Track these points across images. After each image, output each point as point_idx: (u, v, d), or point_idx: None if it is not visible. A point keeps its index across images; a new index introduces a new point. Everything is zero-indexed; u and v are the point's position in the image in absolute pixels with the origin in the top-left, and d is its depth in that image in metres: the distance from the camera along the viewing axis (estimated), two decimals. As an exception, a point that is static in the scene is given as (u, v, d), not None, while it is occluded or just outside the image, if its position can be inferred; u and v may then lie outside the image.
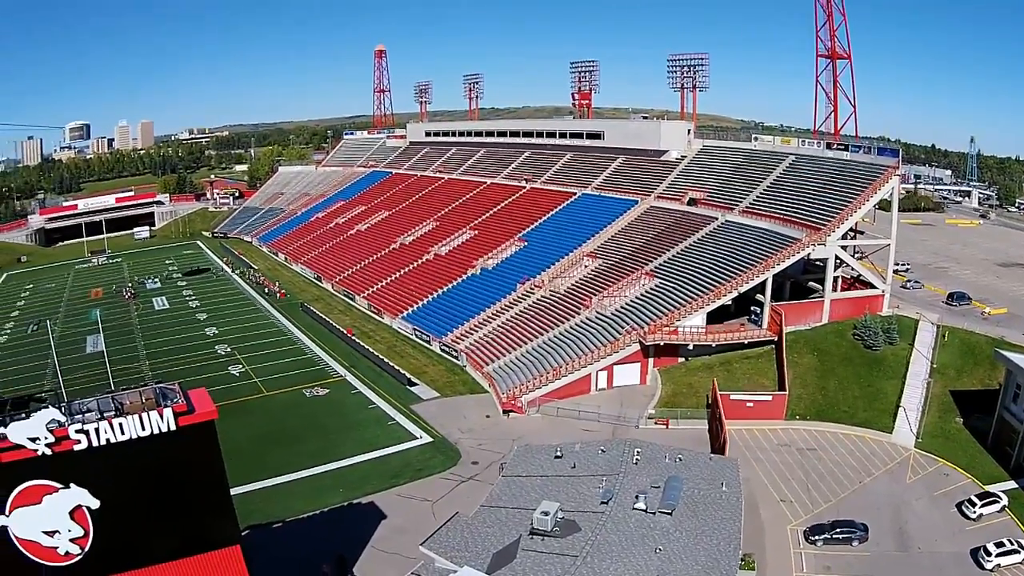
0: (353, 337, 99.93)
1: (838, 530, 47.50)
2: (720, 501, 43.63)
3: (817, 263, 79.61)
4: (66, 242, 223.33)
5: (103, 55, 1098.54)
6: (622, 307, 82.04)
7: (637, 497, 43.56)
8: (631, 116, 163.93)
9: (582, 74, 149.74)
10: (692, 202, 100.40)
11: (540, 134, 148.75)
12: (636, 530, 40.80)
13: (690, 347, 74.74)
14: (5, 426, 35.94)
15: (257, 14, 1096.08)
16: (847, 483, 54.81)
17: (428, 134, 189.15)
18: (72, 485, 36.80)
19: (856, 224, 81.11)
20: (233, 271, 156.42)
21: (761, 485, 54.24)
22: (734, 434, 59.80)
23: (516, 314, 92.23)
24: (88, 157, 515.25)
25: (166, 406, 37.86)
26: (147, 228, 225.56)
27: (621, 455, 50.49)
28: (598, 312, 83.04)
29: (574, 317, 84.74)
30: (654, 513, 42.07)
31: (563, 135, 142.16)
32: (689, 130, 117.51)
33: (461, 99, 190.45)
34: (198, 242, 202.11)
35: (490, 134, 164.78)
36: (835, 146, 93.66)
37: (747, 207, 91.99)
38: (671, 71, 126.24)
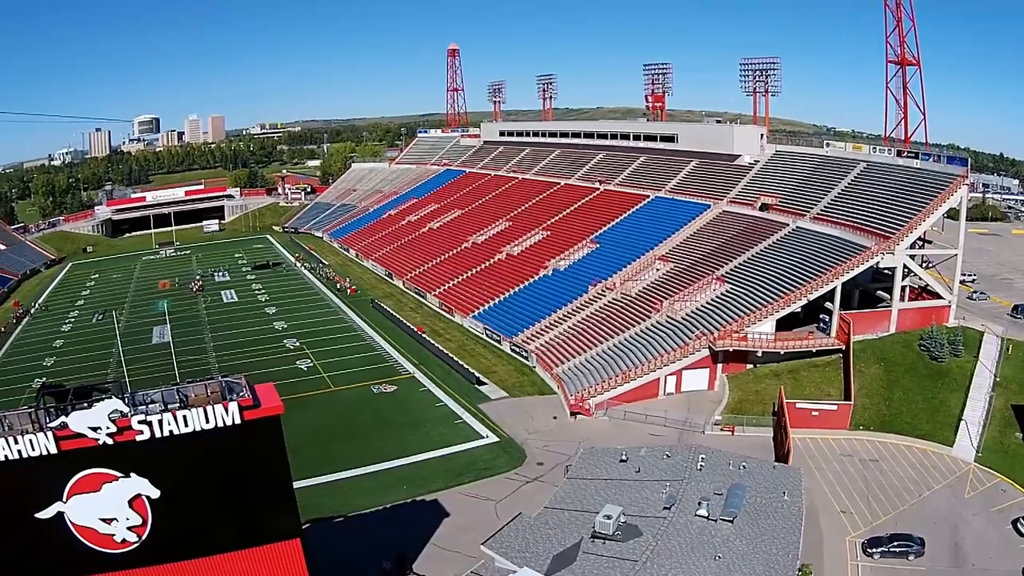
0: (423, 335, 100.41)
1: (895, 543, 47.34)
2: (781, 510, 43.79)
3: (886, 272, 78.75)
4: (133, 233, 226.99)
5: (175, 50, 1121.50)
6: (693, 312, 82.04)
7: (699, 504, 43.80)
8: (704, 119, 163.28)
9: (655, 76, 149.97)
10: (764, 207, 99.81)
11: (614, 136, 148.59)
12: (697, 537, 41.15)
13: (759, 354, 74.57)
14: (67, 415, 36.31)
15: (330, 10, 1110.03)
16: (907, 496, 54.50)
17: (502, 133, 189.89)
18: (133, 474, 37.22)
19: (924, 233, 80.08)
20: (303, 266, 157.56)
21: (822, 495, 54.17)
22: (798, 443, 59.73)
23: (587, 316, 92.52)
24: (157, 150, 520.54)
25: (231, 400, 37.96)
26: (217, 221, 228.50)
27: (686, 461, 50.77)
28: (668, 316, 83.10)
29: (644, 321, 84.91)
30: (715, 520, 42.34)
31: (637, 137, 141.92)
32: (762, 135, 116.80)
33: (535, 99, 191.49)
34: (268, 236, 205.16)
35: (564, 135, 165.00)
36: (905, 154, 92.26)
37: (818, 213, 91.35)
38: (743, 75, 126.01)
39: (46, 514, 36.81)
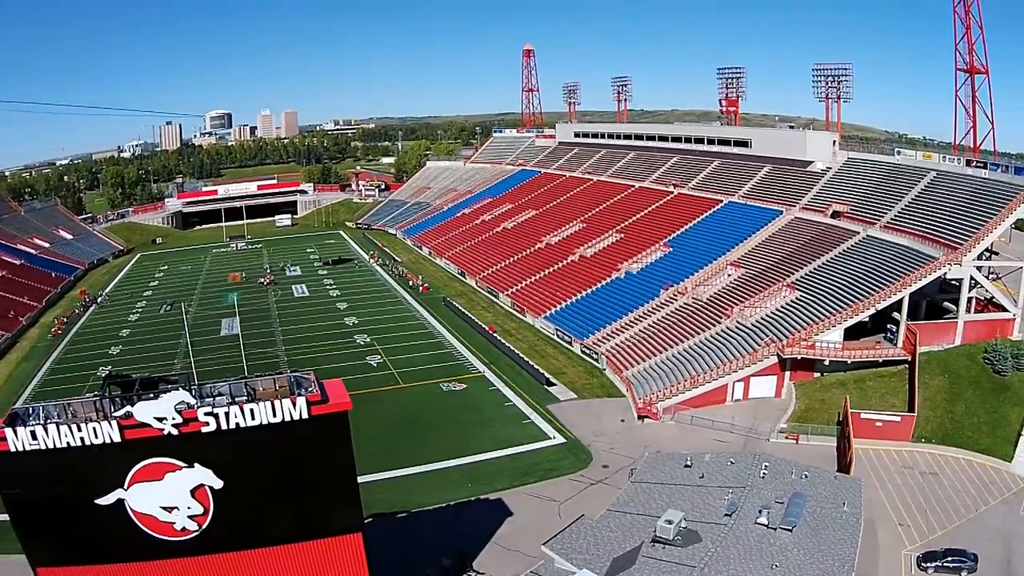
0: (494, 334, 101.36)
1: (949, 558, 47.20)
2: (840, 521, 44.15)
3: (953, 283, 78.13)
4: (204, 226, 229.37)
5: (249, 46, 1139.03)
6: (762, 318, 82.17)
7: (760, 511, 44.32)
8: (777, 124, 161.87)
9: (729, 80, 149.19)
10: (835, 215, 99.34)
11: (688, 139, 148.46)
12: (755, 544, 41.77)
13: (826, 362, 74.39)
14: (132, 405, 36.48)
15: (406, 9, 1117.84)
16: (963, 510, 54.16)
17: (577, 135, 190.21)
18: (197, 465, 37.42)
19: (992, 244, 79.10)
20: (376, 263, 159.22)
21: (881, 506, 54.05)
22: (861, 453, 59.56)
23: (658, 320, 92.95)
24: (229, 144, 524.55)
25: (299, 395, 37.77)
26: (289, 216, 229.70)
27: (749, 468, 51.23)
28: (739, 322, 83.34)
29: (715, 326, 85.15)
30: (775, 529, 42.86)
31: (711, 141, 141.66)
32: (834, 141, 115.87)
33: (609, 100, 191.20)
34: (341, 232, 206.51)
35: (639, 137, 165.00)
36: (974, 163, 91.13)
37: (888, 222, 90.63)
38: (816, 80, 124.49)
39: (106, 500, 37.45)
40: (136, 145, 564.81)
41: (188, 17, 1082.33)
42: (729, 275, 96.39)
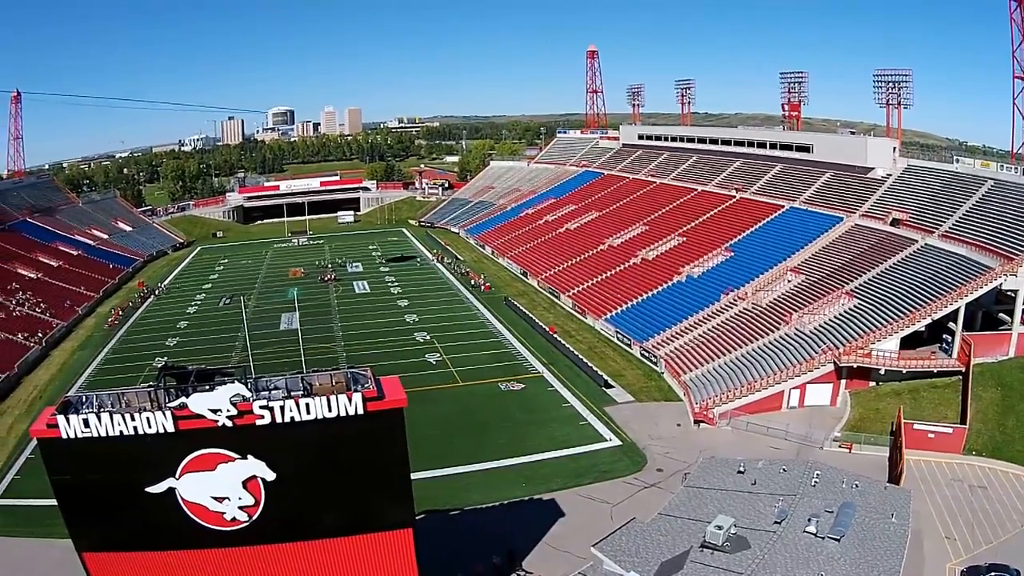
0: (554, 335, 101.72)
1: (993, 573, 46.68)
2: (887, 532, 44.20)
3: (1009, 293, 77.04)
4: (265, 221, 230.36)
5: (312, 44, 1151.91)
6: (821, 325, 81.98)
7: (809, 520, 44.36)
8: (838, 129, 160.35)
9: (792, 84, 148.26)
10: (895, 222, 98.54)
11: (751, 144, 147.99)
12: (803, 553, 41.95)
13: (881, 372, 73.95)
14: (187, 396, 36.69)
15: (470, 8, 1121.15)
16: (1009, 525, 53.48)
17: (641, 137, 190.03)
18: (250, 457, 37.52)
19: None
20: (438, 261, 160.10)
21: (929, 518, 53.70)
22: (912, 464, 59.47)
23: (717, 324, 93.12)
24: (292, 140, 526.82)
25: (356, 391, 37.62)
26: (352, 213, 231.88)
27: (801, 476, 51.24)
28: (797, 329, 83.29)
29: (773, 332, 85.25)
30: (823, 538, 42.92)
31: (773, 146, 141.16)
32: (894, 148, 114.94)
33: (673, 103, 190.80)
34: (403, 230, 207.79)
35: (702, 141, 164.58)
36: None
37: (946, 231, 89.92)
38: (877, 86, 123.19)
39: (157, 489, 37.74)
40: (197, 139, 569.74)
41: (252, 15, 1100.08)
42: (789, 281, 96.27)
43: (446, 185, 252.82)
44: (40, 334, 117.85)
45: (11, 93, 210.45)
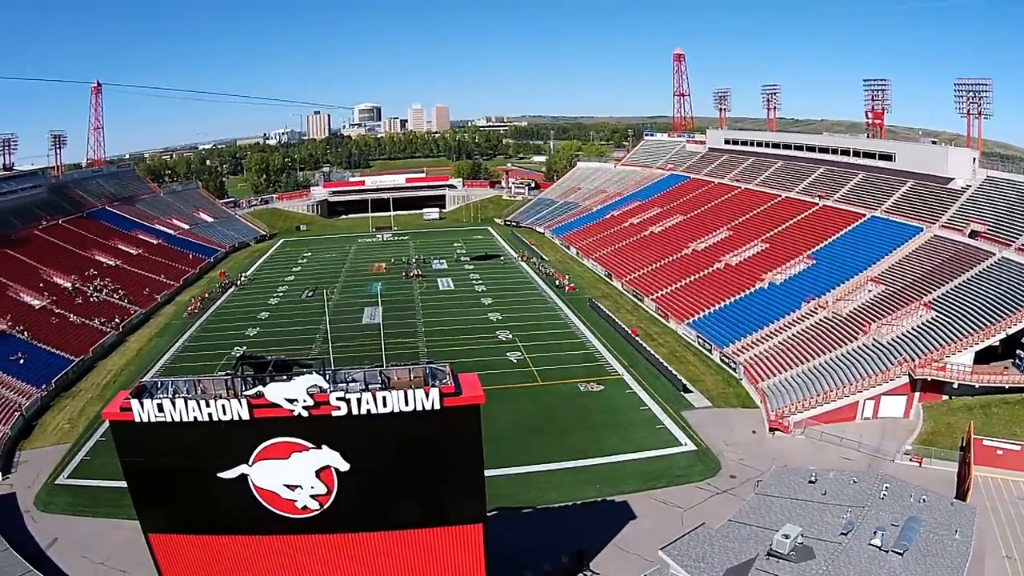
0: (636, 337, 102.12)
1: None
2: (950, 548, 44.13)
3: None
4: (349, 216, 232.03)
5: (399, 41, 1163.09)
6: (898, 337, 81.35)
7: (875, 532, 44.38)
8: (920, 138, 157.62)
9: (875, 92, 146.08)
10: (973, 234, 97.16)
11: (834, 151, 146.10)
12: (866, 565, 42.14)
13: (955, 385, 73.13)
14: (264, 385, 37.04)
15: (559, 8, 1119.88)
16: None
17: (727, 141, 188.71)
18: (324, 447, 37.73)
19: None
20: (523, 260, 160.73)
21: (992, 536, 52.79)
22: (979, 481, 58.64)
23: (797, 332, 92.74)
24: (379, 136, 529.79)
25: (433, 386, 37.68)
26: (437, 210, 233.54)
27: (870, 488, 51.17)
28: (875, 339, 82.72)
29: (852, 342, 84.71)
30: (887, 551, 43.03)
31: (856, 153, 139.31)
32: (974, 158, 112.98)
33: (759, 107, 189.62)
34: (489, 228, 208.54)
35: (787, 147, 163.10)
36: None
37: (1022, 244, 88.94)
38: (957, 95, 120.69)
39: (229, 475, 38.38)
40: (283, 133, 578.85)
41: (340, 12, 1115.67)
42: (869, 291, 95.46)
43: (533, 185, 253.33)
44: (117, 320, 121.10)
45: (91, 84, 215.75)
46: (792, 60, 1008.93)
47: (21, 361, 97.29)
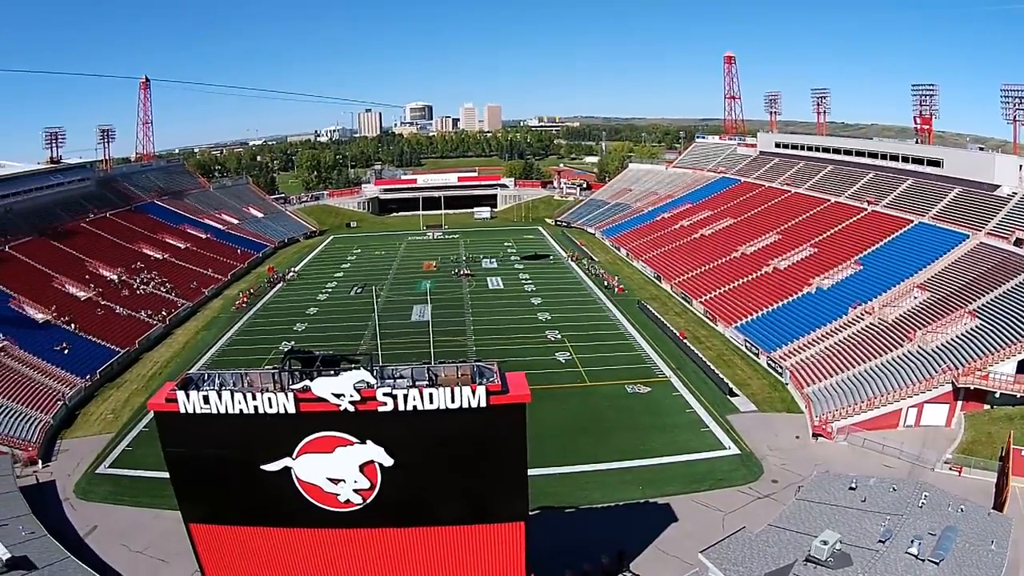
0: (684, 340, 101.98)
1: None
2: (985, 559, 44.22)
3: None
4: (400, 213, 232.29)
5: (450, 41, 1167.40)
6: (942, 344, 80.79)
7: (912, 541, 44.54)
8: (967, 145, 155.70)
9: (923, 97, 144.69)
10: (1018, 242, 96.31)
11: (883, 156, 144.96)
12: (902, 573, 42.38)
13: (997, 395, 72.50)
14: (311, 379, 37.07)
15: (612, 9, 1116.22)
16: None
17: (777, 145, 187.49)
18: (369, 442, 37.69)
19: None
20: (573, 261, 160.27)
21: None
22: (1017, 492, 58.26)
23: (844, 338, 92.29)
24: (431, 134, 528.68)
25: (480, 384, 37.47)
26: (488, 209, 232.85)
27: (909, 496, 51.15)
28: (920, 347, 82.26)
29: (897, 348, 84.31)
30: (923, 560, 43.19)
31: (905, 159, 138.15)
32: (1021, 165, 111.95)
33: (809, 111, 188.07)
34: (540, 228, 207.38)
35: (836, 151, 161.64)
36: None
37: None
38: (1004, 101, 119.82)
39: (273, 467, 38.56)
40: (333, 131, 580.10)
41: (393, 11, 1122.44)
42: (915, 298, 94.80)
43: (584, 185, 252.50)
44: (164, 313, 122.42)
45: (140, 80, 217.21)
46: (843, 64, 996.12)
47: (65, 351, 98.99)
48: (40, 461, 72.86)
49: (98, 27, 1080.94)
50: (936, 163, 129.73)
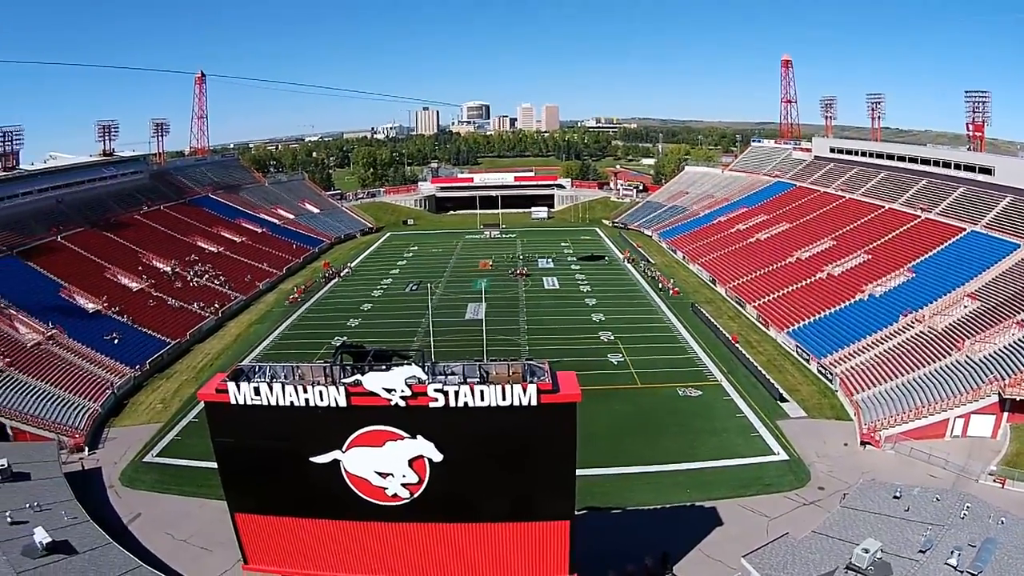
0: (736, 344, 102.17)
1: None
2: (1022, 572, 44.11)
3: None
4: (457, 212, 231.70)
5: (508, 41, 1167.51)
6: (990, 355, 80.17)
7: (952, 552, 44.71)
8: (1019, 152, 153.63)
9: (976, 104, 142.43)
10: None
11: (936, 163, 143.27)
12: None
13: None
14: (363, 374, 37.30)
15: (669, 11, 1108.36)
16: None
17: (832, 150, 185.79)
18: (419, 437, 37.90)
19: None
20: (629, 262, 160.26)
21: None
22: None
23: (894, 346, 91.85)
24: (488, 133, 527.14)
25: (531, 382, 37.38)
26: (545, 209, 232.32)
27: (952, 507, 51.27)
28: (968, 356, 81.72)
29: (945, 357, 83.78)
30: (962, 572, 43.45)
31: (957, 166, 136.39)
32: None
33: (863, 116, 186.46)
34: (596, 229, 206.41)
35: (890, 157, 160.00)
36: None
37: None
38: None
39: (322, 459, 38.96)
40: (390, 128, 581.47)
41: (450, 11, 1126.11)
42: (965, 307, 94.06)
43: (641, 187, 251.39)
44: (216, 305, 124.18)
45: (195, 74, 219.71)
46: (898, 70, 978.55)
47: (115, 341, 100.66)
48: (87, 448, 74.30)
49: (155, 22, 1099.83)
50: (988, 171, 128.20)
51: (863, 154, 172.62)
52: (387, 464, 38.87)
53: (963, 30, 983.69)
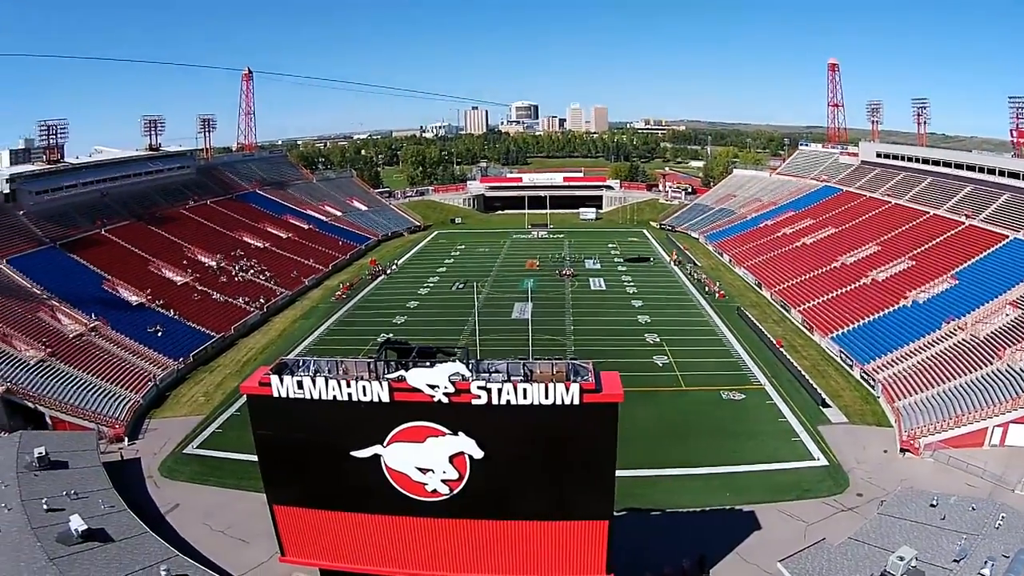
0: (781, 348, 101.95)
1: None
2: None
3: None
4: (505, 211, 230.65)
5: (557, 41, 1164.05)
6: (1030, 364, 79.54)
7: (986, 562, 44.71)
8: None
9: (1019, 110, 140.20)
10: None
11: (980, 169, 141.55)
12: None
13: None
14: (407, 370, 37.25)
15: (718, 14, 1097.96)
16: None
17: (879, 155, 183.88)
18: (461, 433, 37.83)
19: None
20: (676, 265, 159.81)
21: None
22: None
23: (936, 353, 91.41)
24: (537, 134, 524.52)
25: (574, 381, 37.29)
26: (594, 210, 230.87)
27: (987, 517, 51.22)
28: (1008, 365, 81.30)
29: (987, 366, 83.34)
30: None
31: (1001, 172, 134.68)
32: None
33: (910, 121, 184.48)
34: (644, 231, 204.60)
35: (936, 163, 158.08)
36: None
37: None
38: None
39: (363, 454, 38.94)
40: (439, 127, 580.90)
41: (500, 11, 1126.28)
42: (1007, 315, 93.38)
43: (689, 189, 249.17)
44: (261, 300, 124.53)
45: (243, 71, 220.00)
46: (944, 75, 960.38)
47: (159, 333, 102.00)
48: (126, 439, 75.45)
49: (203, 17, 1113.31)
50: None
51: (909, 159, 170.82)
52: (428, 460, 38.95)
53: (1010, 35, 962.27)
